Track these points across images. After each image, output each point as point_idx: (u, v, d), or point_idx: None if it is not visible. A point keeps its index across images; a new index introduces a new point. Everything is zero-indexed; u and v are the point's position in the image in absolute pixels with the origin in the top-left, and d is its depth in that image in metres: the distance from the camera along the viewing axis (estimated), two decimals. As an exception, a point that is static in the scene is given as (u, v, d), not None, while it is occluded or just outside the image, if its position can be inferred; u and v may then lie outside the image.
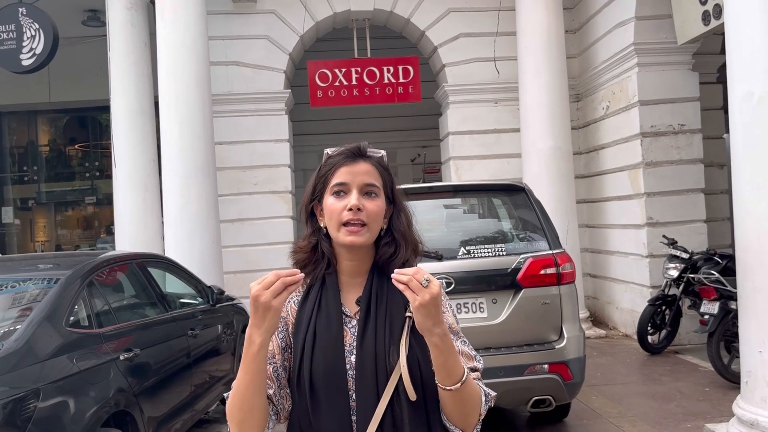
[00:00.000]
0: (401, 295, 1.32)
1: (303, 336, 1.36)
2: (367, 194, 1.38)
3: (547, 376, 4.03)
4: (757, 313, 3.96)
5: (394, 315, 1.36)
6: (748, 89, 3.95)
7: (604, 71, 8.13)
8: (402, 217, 1.46)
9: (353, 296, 1.42)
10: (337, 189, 1.38)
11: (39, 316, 3.23)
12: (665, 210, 7.31)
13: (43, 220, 12.96)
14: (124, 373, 3.57)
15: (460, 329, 1.43)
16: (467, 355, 1.39)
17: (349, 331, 1.38)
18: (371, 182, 1.39)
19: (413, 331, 1.31)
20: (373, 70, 9.05)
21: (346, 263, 1.42)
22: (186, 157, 7.09)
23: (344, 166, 1.39)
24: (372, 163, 1.42)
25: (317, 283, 1.41)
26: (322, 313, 1.38)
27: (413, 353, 1.32)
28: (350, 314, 1.40)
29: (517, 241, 4.39)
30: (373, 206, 1.37)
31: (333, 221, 1.37)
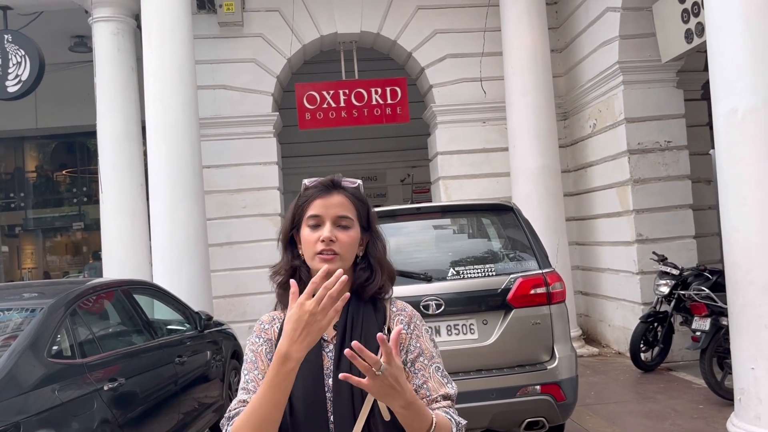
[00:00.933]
0: (377, 318, 1.45)
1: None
2: (341, 227, 1.45)
3: (539, 398, 3.98)
4: (748, 329, 3.95)
5: (369, 338, 1.38)
6: (731, 106, 3.98)
7: (590, 89, 8.19)
8: (378, 244, 1.53)
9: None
10: (311, 222, 1.46)
11: (20, 347, 3.16)
12: (654, 226, 7.33)
13: (31, 247, 12.84)
14: (108, 404, 3.50)
15: (437, 353, 1.48)
16: (439, 382, 1.43)
17: (326, 355, 1.43)
18: (344, 214, 1.46)
19: None
20: (361, 91, 9.08)
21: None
22: (174, 181, 7.05)
23: (318, 199, 1.47)
24: (346, 195, 1.49)
25: None
26: None
27: None
28: (328, 339, 1.45)
29: (507, 261, 4.36)
30: (345, 237, 1.45)
31: (308, 250, 1.46)
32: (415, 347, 1.46)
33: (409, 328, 1.48)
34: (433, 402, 1.41)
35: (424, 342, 1.47)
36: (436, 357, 1.47)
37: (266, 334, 1.50)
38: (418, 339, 1.47)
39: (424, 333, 1.49)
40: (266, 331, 1.50)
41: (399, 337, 1.29)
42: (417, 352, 1.45)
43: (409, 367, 1.44)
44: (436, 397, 1.41)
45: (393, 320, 1.48)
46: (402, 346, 1.44)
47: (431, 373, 1.43)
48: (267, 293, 6.79)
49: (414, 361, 1.44)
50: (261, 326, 1.52)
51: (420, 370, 1.44)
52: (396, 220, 4.50)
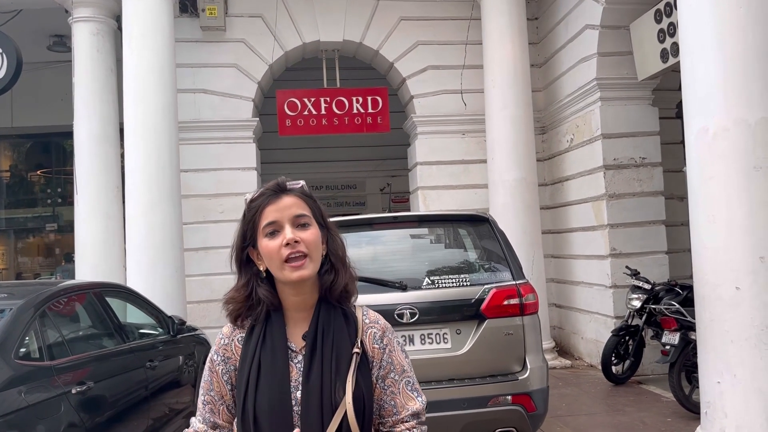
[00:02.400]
0: (348, 329, 1.40)
1: (247, 371, 1.37)
2: (300, 225, 1.39)
3: (510, 408, 4.00)
4: (714, 344, 4.03)
5: (341, 350, 1.37)
6: (703, 125, 4.07)
7: (568, 105, 8.32)
8: (337, 240, 1.47)
9: (300, 331, 1.42)
10: (269, 230, 1.38)
11: (-13, 348, 3.11)
12: (628, 241, 7.44)
13: (2, 248, 12.61)
14: (77, 408, 3.45)
15: (409, 365, 1.46)
16: (408, 396, 1.42)
17: (295, 366, 1.38)
18: (301, 213, 1.40)
19: (360, 367, 1.36)
20: (342, 100, 9.11)
21: (291, 299, 1.42)
22: (150, 183, 6.99)
23: (270, 205, 1.39)
24: (296, 195, 1.43)
25: (261, 322, 1.41)
26: (267, 347, 1.38)
27: (359, 389, 1.35)
28: (296, 349, 1.40)
29: (481, 272, 4.40)
30: (308, 235, 1.38)
31: (274, 261, 1.37)
32: (387, 363, 1.43)
33: (382, 343, 1.44)
34: (401, 422, 1.41)
35: (396, 356, 1.44)
36: (408, 371, 1.45)
37: (226, 351, 1.44)
38: (390, 354, 1.44)
39: (396, 347, 1.46)
40: (225, 348, 1.44)
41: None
42: (388, 368, 1.43)
43: (379, 383, 1.42)
44: (403, 417, 1.41)
45: (366, 332, 1.44)
46: (374, 360, 1.42)
47: (401, 389, 1.42)
48: None
49: (385, 378, 1.42)
50: (221, 341, 1.46)
51: (389, 386, 1.43)
52: (373, 228, 4.51)
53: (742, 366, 3.87)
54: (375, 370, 1.42)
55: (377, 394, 1.42)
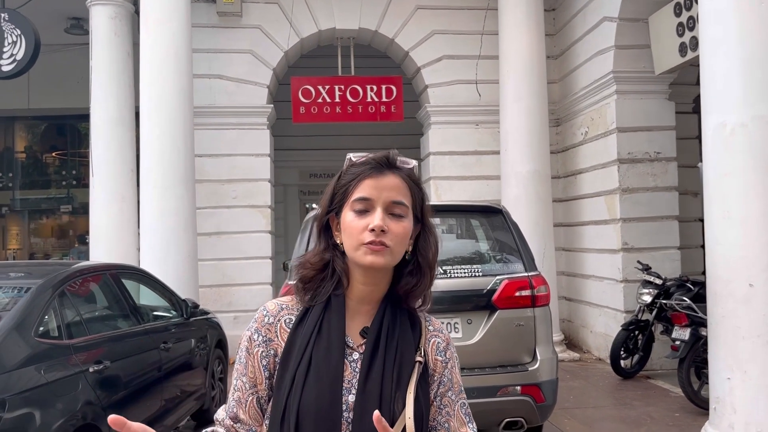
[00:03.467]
0: (414, 335, 1.24)
1: (296, 364, 1.19)
2: (394, 215, 1.20)
3: (519, 398, 4.04)
4: (725, 340, 4.03)
5: (404, 356, 1.20)
6: (721, 120, 4.06)
7: (583, 97, 8.28)
8: (430, 240, 1.28)
9: (358, 325, 1.25)
10: (360, 206, 1.20)
11: (8, 326, 3.17)
12: (640, 236, 7.42)
13: (17, 228, 12.74)
14: (93, 386, 3.51)
15: (462, 386, 1.30)
16: (461, 421, 1.27)
17: (349, 365, 1.21)
18: (399, 200, 1.21)
19: (420, 379, 1.21)
20: (356, 88, 9.11)
21: (358, 287, 1.24)
22: (165, 168, 7.05)
23: (369, 179, 1.21)
24: (402, 176, 1.23)
25: (318, 305, 1.24)
26: (323, 339, 1.20)
27: (419, 405, 1.19)
28: (353, 345, 1.23)
29: (494, 263, 4.42)
30: (399, 228, 1.20)
31: (352, 240, 1.20)
32: (447, 379, 1.27)
33: (445, 356, 1.28)
34: None
35: (456, 374, 1.29)
36: (463, 392, 1.30)
37: (269, 332, 1.25)
38: (452, 370, 1.28)
39: (456, 363, 1.31)
40: (269, 328, 1.25)
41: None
42: (448, 385, 1.26)
43: (436, 401, 1.25)
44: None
45: (429, 341, 1.27)
46: (434, 375, 1.26)
47: (456, 411, 1.26)
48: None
49: (443, 396, 1.26)
50: (264, 317, 1.26)
51: (446, 406, 1.26)
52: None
53: (753, 362, 3.88)
54: (434, 385, 1.25)
55: (432, 412, 1.25)
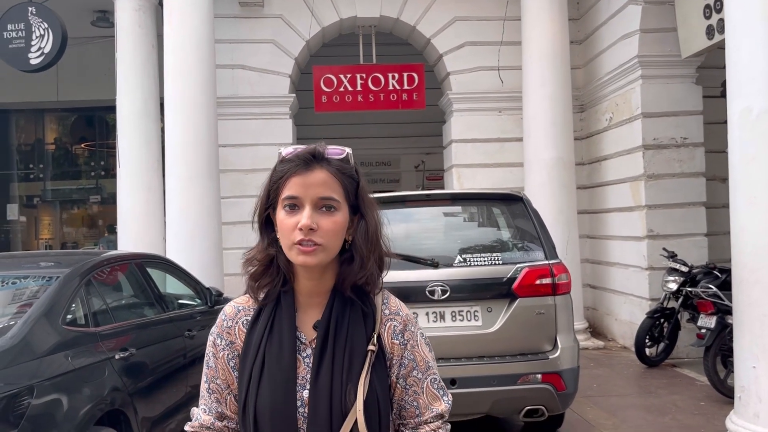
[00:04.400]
0: (365, 322, 1.25)
1: (251, 364, 1.23)
2: (324, 208, 1.21)
3: (540, 386, 4.03)
4: (751, 328, 3.97)
5: (354, 346, 1.22)
6: (746, 105, 3.97)
7: (608, 83, 8.15)
8: (368, 228, 1.28)
9: (311, 319, 1.27)
10: (288, 203, 1.22)
11: (36, 314, 3.26)
12: (666, 223, 7.31)
13: (48, 218, 13.03)
14: (119, 373, 3.60)
15: (433, 360, 1.33)
16: (433, 395, 1.30)
17: (302, 360, 1.24)
18: (327, 195, 1.22)
19: (375, 366, 1.23)
20: (378, 76, 9.10)
21: (303, 282, 1.27)
22: (189, 158, 7.14)
23: (296, 176, 1.22)
24: (330, 170, 1.24)
25: (270, 303, 1.27)
26: (274, 337, 1.23)
27: (373, 393, 1.21)
28: (306, 341, 1.26)
29: (514, 251, 4.40)
30: (329, 224, 1.21)
31: (285, 239, 1.22)
32: (409, 360, 1.29)
33: (403, 338, 1.29)
34: (423, 424, 1.29)
35: (419, 352, 1.29)
36: (433, 367, 1.31)
37: (229, 335, 1.30)
38: (413, 350, 1.29)
39: (420, 340, 1.31)
40: (229, 332, 1.30)
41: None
42: (410, 366, 1.28)
43: (400, 382, 1.28)
44: (427, 418, 1.29)
45: (385, 325, 1.28)
46: (393, 357, 1.28)
47: (425, 388, 1.29)
48: None
49: (407, 376, 1.28)
50: (223, 322, 1.31)
51: (412, 385, 1.29)
52: (406, 205, 4.55)
53: (779, 351, 3.82)
54: (395, 368, 1.28)
55: (398, 394, 1.28)
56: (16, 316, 3.28)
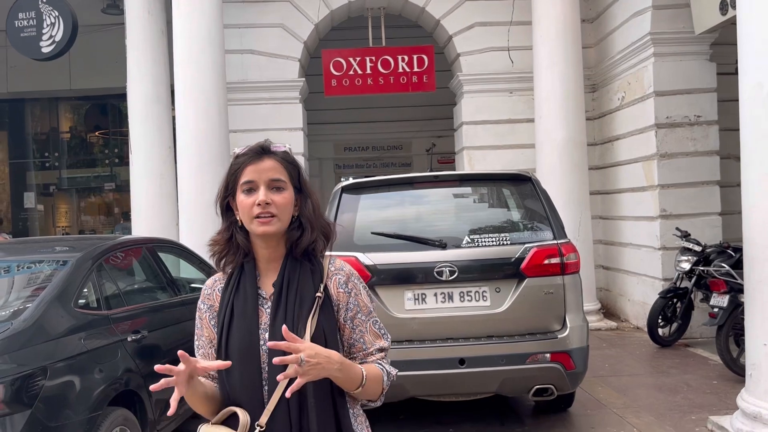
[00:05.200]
0: (313, 278, 1.54)
1: (223, 315, 1.54)
2: (275, 188, 1.51)
3: (549, 365, 4.04)
4: (762, 306, 3.94)
5: (304, 296, 1.51)
6: (758, 80, 3.92)
7: (620, 61, 8.05)
8: (309, 203, 1.58)
9: (270, 281, 1.56)
10: (246, 187, 1.51)
11: (49, 297, 3.32)
12: (679, 202, 7.25)
13: (65, 206, 13.20)
14: (132, 355, 3.66)
15: (373, 307, 1.61)
16: (375, 334, 1.58)
17: (264, 311, 1.53)
18: (277, 177, 1.52)
19: (323, 309, 1.52)
20: (387, 59, 9.05)
21: (261, 251, 1.57)
22: (201, 144, 7.18)
23: (250, 165, 1.52)
24: (276, 159, 1.54)
25: (237, 271, 1.57)
26: (240, 294, 1.54)
27: (320, 331, 1.49)
28: (266, 296, 1.55)
29: (522, 231, 4.39)
30: (280, 199, 1.51)
31: (246, 216, 1.52)
32: (353, 305, 1.57)
33: (347, 287, 1.57)
34: (369, 355, 1.56)
35: (362, 299, 1.58)
36: (373, 312, 1.60)
37: (209, 300, 1.62)
38: (356, 297, 1.57)
39: (362, 290, 1.59)
40: (209, 297, 1.63)
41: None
42: (355, 309, 1.57)
43: (348, 324, 1.56)
44: (371, 350, 1.56)
45: (330, 278, 1.57)
46: (339, 303, 1.56)
47: (368, 328, 1.57)
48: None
49: (353, 318, 1.56)
50: (204, 291, 1.65)
51: (358, 326, 1.57)
52: (414, 187, 4.55)
53: (790, 329, 3.79)
54: (342, 312, 1.56)
55: (347, 333, 1.56)
56: (29, 299, 3.34)
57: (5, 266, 3.80)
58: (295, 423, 1.44)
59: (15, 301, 3.40)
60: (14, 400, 2.81)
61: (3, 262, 3.83)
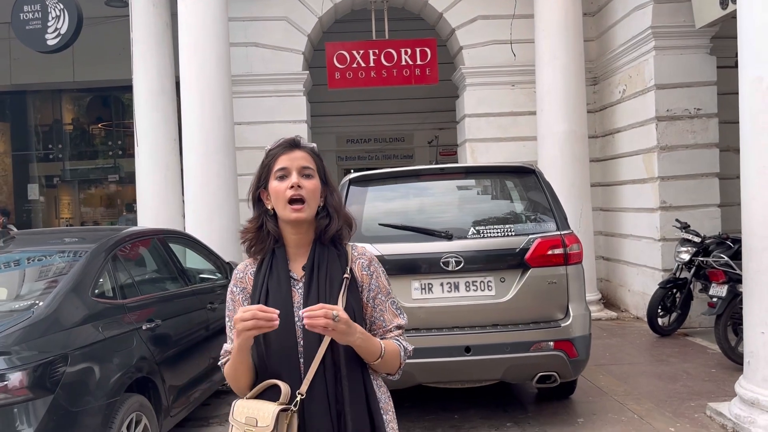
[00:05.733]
0: (340, 261, 1.70)
1: (258, 295, 1.68)
2: (305, 176, 1.67)
3: (552, 353, 4.14)
4: (761, 295, 4.04)
5: (333, 277, 1.67)
6: (757, 74, 4.00)
7: (621, 55, 8.12)
8: (334, 195, 1.75)
9: (299, 264, 1.71)
10: (279, 174, 1.67)
11: (67, 286, 3.41)
12: (679, 194, 7.34)
13: (68, 198, 13.25)
14: (147, 342, 3.76)
15: (391, 289, 1.78)
16: (393, 313, 1.75)
17: (297, 291, 1.68)
18: (307, 165, 1.68)
19: (350, 289, 1.68)
20: (390, 51, 9.12)
21: (291, 237, 1.72)
22: (207, 136, 7.24)
23: (284, 155, 1.69)
24: (306, 151, 1.71)
25: (268, 255, 1.72)
26: (273, 276, 1.68)
27: (349, 308, 1.64)
28: (297, 278, 1.70)
29: (526, 222, 4.49)
30: (310, 184, 1.67)
31: (279, 201, 1.67)
32: (375, 286, 1.73)
33: (369, 270, 1.74)
34: (388, 332, 1.72)
35: (381, 281, 1.75)
36: (392, 293, 1.77)
37: (241, 283, 1.75)
38: (377, 279, 1.74)
39: (382, 273, 1.76)
40: (241, 280, 1.76)
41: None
42: (376, 290, 1.73)
43: (370, 303, 1.72)
44: (390, 328, 1.73)
45: (355, 262, 1.73)
46: (363, 284, 1.72)
47: (387, 307, 1.74)
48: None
49: (374, 298, 1.73)
50: (236, 276, 1.78)
51: (378, 305, 1.73)
52: (420, 179, 4.64)
53: (788, 317, 3.89)
54: (365, 292, 1.72)
55: (369, 312, 1.72)
56: (47, 289, 3.44)
57: (23, 257, 3.90)
58: (331, 391, 1.60)
59: (34, 291, 3.49)
60: (37, 386, 2.91)
61: (21, 253, 3.93)
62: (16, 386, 2.84)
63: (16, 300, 3.48)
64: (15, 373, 2.85)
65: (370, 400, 1.65)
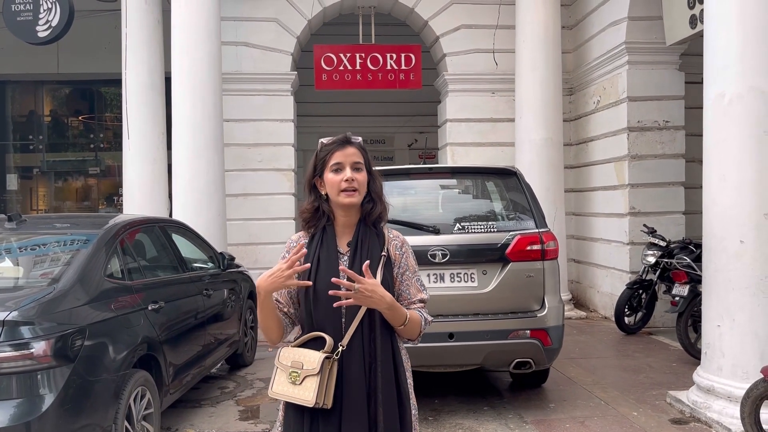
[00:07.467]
0: (378, 241, 2.01)
1: (311, 262, 1.97)
2: (356, 169, 1.98)
3: (528, 341, 4.49)
4: (718, 291, 4.44)
5: (373, 253, 1.99)
6: (720, 90, 4.40)
7: (596, 67, 8.55)
8: (377, 182, 2.06)
9: (345, 241, 2.02)
10: (335, 167, 1.97)
11: (82, 265, 3.63)
12: (647, 201, 7.78)
13: (44, 189, 13.21)
14: (153, 322, 3.99)
15: (417, 268, 2.09)
16: (417, 288, 2.05)
17: (342, 263, 1.98)
18: (358, 160, 1.99)
19: (386, 265, 1.99)
20: (376, 56, 9.42)
21: (340, 218, 2.02)
22: (196, 132, 7.43)
23: (338, 151, 1.98)
24: (356, 147, 2.01)
25: (319, 232, 2.02)
26: (324, 249, 1.99)
27: (385, 280, 1.96)
28: (343, 252, 2.01)
29: (507, 220, 4.83)
30: (360, 177, 1.98)
31: (334, 189, 1.98)
32: (404, 264, 2.04)
33: (401, 250, 2.05)
34: (412, 303, 2.02)
35: (410, 260, 2.06)
36: (417, 272, 2.08)
37: (293, 248, 2.03)
38: (407, 259, 2.05)
39: (411, 255, 2.08)
40: (294, 249, 2.00)
41: (368, 268, 1.87)
42: (405, 267, 2.04)
43: (398, 278, 2.03)
44: (414, 300, 2.03)
45: (390, 243, 2.04)
46: (395, 262, 2.03)
47: (413, 283, 2.04)
48: (278, 243, 7.50)
49: (403, 274, 2.03)
50: (290, 243, 2.07)
51: (405, 280, 2.03)
52: (410, 177, 4.95)
53: (742, 311, 4.28)
54: (396, 268, 2.02)
55: (397, 286, 2.02)
56: (65, 267, 3.64)
57: (38, 239, 4.10)
58: (366, 345, 1.93)
59: (53, 269, 3.69)
60: (60, 355, 3.13)
61: (35, 235, 4.13)
62: (40, 354, 3.06)
63: (37, 277, 3.68)
64: (39, 342, 3.07)
65: (396, 356, 1.97)
